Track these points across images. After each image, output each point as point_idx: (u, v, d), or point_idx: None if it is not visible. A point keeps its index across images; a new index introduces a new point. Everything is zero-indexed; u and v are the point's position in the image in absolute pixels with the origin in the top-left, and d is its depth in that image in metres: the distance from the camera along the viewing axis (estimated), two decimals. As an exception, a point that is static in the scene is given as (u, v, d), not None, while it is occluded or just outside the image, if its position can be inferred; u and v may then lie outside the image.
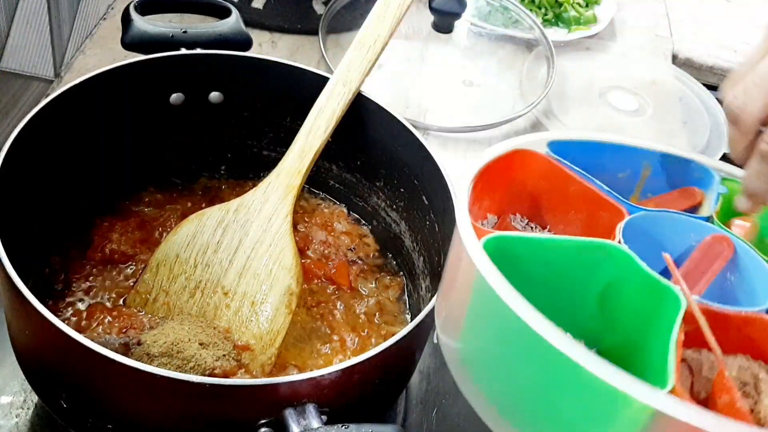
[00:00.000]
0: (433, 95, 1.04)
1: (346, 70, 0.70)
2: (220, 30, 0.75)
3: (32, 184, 0.63)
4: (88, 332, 0.63)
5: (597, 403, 0.36)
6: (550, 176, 0.52)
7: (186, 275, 0.66)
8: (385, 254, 0.77)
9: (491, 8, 1.16)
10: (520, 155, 0.51)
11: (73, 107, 0.65)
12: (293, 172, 0.67)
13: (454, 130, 0.99)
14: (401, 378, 0.65)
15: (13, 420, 0.64)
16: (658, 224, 0.51)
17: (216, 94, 0.74)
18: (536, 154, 0.52)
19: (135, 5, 0.73)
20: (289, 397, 0.51)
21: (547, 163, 0.52)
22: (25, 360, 0.60)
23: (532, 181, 0.53)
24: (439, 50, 1.11)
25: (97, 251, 0.69)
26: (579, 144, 0.54)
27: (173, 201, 0.76)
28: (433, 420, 0.70)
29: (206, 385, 0.49)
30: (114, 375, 0.50)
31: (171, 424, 0.53)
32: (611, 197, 0.51)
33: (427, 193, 0.70)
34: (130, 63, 0.68)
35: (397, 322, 0.71)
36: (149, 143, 0.74)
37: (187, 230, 0.67)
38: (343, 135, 0.69)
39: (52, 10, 0.94)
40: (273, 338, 0.63)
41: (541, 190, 0.53)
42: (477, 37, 1.14)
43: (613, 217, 0.49)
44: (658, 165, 0.56)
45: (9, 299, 0.54)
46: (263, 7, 1.10)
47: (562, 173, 0.52)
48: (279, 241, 0.66)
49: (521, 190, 0.53)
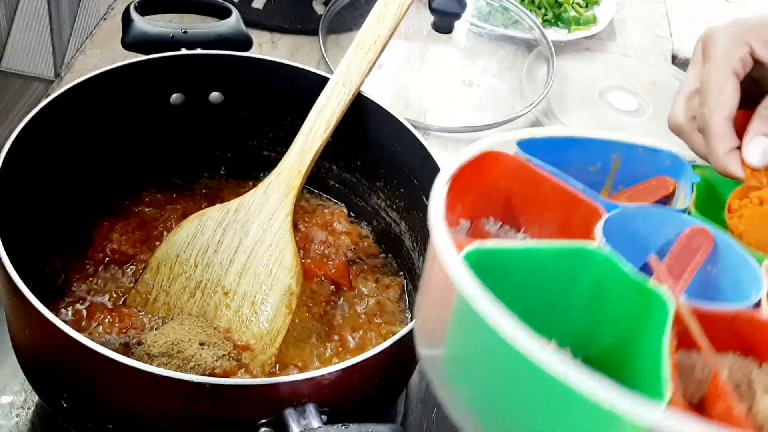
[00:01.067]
0: (433, 95, 1.04)
1: (346, 70, 0.70)
2: (220, 30, 0.75)
3: (32, 184, 0.63)
4: (88, 332, 0.63)
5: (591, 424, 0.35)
6: (521, 177, 0.51)
7: (186, 275, 0.66)
8: (385, 254, 0.77)
9: (491, 8, 1.16)
10: (489, 157, 0.50)
11: (74, 107, 0.65)
12: (293, 172, 0.67)
13: (454, 130, 0.99)
14: (401, 378, 0.65)
15: (13, 420, 0.64)
16: (635, 220, 0.50)
17: (216, 94, 0.74)
18: (506, 155, 0.51)
19: (135, 5, 0.73)
20: (289, 397, 0.51)
21: (517, 164, 0.51)
22: (25, 360, 0.60)
23: (504, 182, 0.52)
24: (439, 50, 1.11)
25: (97, 251, 0.69)
26: (547, 141, 0.53)
27: (173, 201, 0.76)
28: (433, 420, 0.70)
29: (206, 385, 0.49)
30: (114, 375, 0.50)
31: (171, 424, 0.53)
32: (586, 195, 0.50)
33: (427, 193, 0.69)
34: (130, 63, 0.68)
35: (397, 322, 0.71)
36: (149, 143, 0.74)
37: (188, 230, 0.67)
38: (343, 135, 0.69)
39: (53, 10, 0.94)
40: (273, 338, 0.63)
41: (513, 191, 0.52)
42: (477, 37, 1.15)
43: (589, 216, 0.48)
44: (627, 156, 0.56)
45: (9, 299, 0.54)
46: (263, 7, 1.10)
47: (534, 173, 0.51)
48: (279, 241, 0.66)
49: (493, 192, 0.52)
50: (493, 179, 0.51)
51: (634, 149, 0.56)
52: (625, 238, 0.48)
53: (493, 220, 0.53)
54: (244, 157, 0.79)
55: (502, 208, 0.53)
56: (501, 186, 0.52)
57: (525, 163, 0.51)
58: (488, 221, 0.53)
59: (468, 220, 0.52)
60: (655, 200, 0.54)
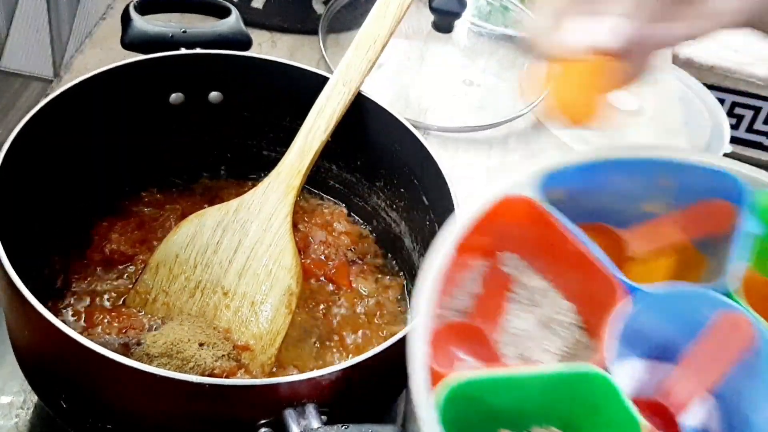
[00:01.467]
0: (433, 95, 1.04)
1: (346, 70, 0.70)
2: (220, 30, 0.74)
3: (32, 184, 0.63)
4: (88, 332, 0.63)
5: None
6: (540, 226, 0.44)
7: (186, 275, 0.66)
8: (385, 254, 0.77)
9: (491, 8, 1.16)
10: (504, 203, 0.43)
11: (73, 107, 0.65)
12: (293, 172, 0.67)
13: (454, 130, 0.99)
14: (401, 378, 0.64)
15: (13, 420, 0.64)
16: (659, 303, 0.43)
17: (216, 94, 0.74)
18: (524, 202, 0.44)
19: (134, 5, 0.73)
20: (289, 397, 0.51)
21: (536, 212, 0.44)
22: (24, 360, 0.60)
23: (524, 227, 0.45)
24: (439, 50, 1.11)
25: (96, 251, 0.69)
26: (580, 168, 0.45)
27: (173, 201, 0.75)
28: (433, 420, 0.70)
29: (206, 385, 0.49)
30: (114, 375, 0.50)
31: (171, 424, 0.53)
32: (607, 269, 0.43)
33: (427, 193, 0.70)
34: (129, 63, 0.68)
35: (397, 322, 0.71)
36: (149, 143, 0.74)
37: (187, 230, 0.67)
38: (343, 135, 0.69)
39: (52, 10, 0.94)
40: (273, 338, 0.63)
41: (534, 235, 0.45)
42: (477, 37, 1.14)
43: (607, 294, 0.42)
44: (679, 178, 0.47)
45: (9, 299, 0.54)
46: (263, 7, 1.10)
47: (554, 230, 0.44)
48: (279, 241, 0.66)
49: (512, 231, 0.46)
50: (512, 222, 0.45)
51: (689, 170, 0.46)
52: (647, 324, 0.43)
53: (511, 256, 0.47)
54: (243, 157, 0.79)
55: (523, 247, 0.47)
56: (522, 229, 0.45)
57: (545, 216, 0.44)
58: (510, 257, 0.47)
59: (484, 258, 0.47)
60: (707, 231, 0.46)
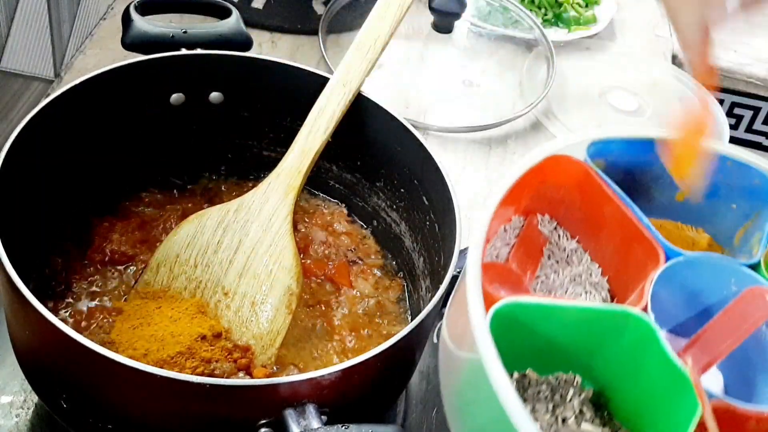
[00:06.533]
0: (433, 95, 1.04)
1: (346, 70, 0.70)
2: (220, 30, 0.75)
3: (32, 184, 0.63)
4: (88, 332, 0.63)
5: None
6: (585, 189, 0.46)
7: (186, 275, 0.66)
8: (385, 255, 0.77)
9: (491, 8, 1.16)
10: (555, 159, 0.45)
11: (74, 107, 0.65)
12: (293, 173, 0.67)
13: (454, 130, 0.99)
14: (401, 378, 0.65)
15: (13, 420, 0.64)
16: (696, 268, 0.45)
17: (216, 95, 0.74)
18: (574, 161, 0.46)
19: (135, 5, 0.73)
20: (289, 397, 0.51)
21: (584, 174, 0.46)
22: (25, 360, 0.60)
23: (566, 189, 0.47)
24: (439, 50, 1.11)
25: (97, 251, 0.69)
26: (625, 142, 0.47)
27: (173, 201, 0.76)
28: (433, 420, 0.70)
29: (206, 385, 0.49)
30: (114, 375, 0.50)
31: (171, 424, 0.53)
32: (649, 232, 0.45)
33: (427, 193, 0.70)
34: (130, 63, 0.68)
35: (397, 322, 0.71)
36: (149, 143, 0.74)
37: (188, 230, 0.67)
38: (343, 135, 0.69)
39: (52, 10, 0.94)
40: (273, 338, 0.63)
41: (574, 200, 0.47)
42: (477, 37, 1.14)
43: (647, 256, 0.44)
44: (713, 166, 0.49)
45: (9, 299, 0.54)
46: (263, 7, 1.10)
47: (599, 190, 0.45)
48: (279, 241, 0.66)
49: (552, 194, 0.48)
50: (556, 183, 0.47)
51: (721, 160, 0.49)
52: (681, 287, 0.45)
53: (548, 219, 0.49)
54: (244, 157, 0.79)
55: (559, 209, 0.49)
56: (562, 192, 0.48)
57: (592, 176, 0.46)
58: (543, 219, 0.49)
59: (521, 215, 0.49)
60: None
